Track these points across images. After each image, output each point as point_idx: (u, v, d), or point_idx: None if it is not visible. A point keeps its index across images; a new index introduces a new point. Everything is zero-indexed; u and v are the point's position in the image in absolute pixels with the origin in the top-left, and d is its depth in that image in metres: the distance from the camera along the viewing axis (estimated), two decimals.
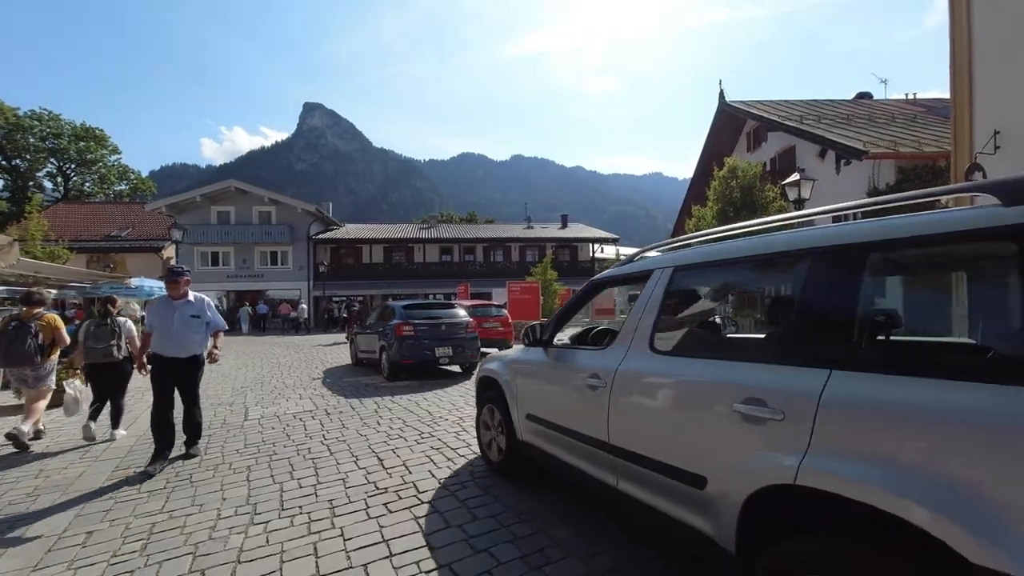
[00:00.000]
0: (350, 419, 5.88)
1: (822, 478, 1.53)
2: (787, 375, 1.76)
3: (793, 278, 1.95)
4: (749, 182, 13.27)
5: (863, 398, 1.52)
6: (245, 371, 10.73)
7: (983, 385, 1.31)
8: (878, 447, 1.46)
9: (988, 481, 1.24)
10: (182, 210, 29.66)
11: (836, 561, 1.48)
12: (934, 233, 1.54)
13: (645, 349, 2.49)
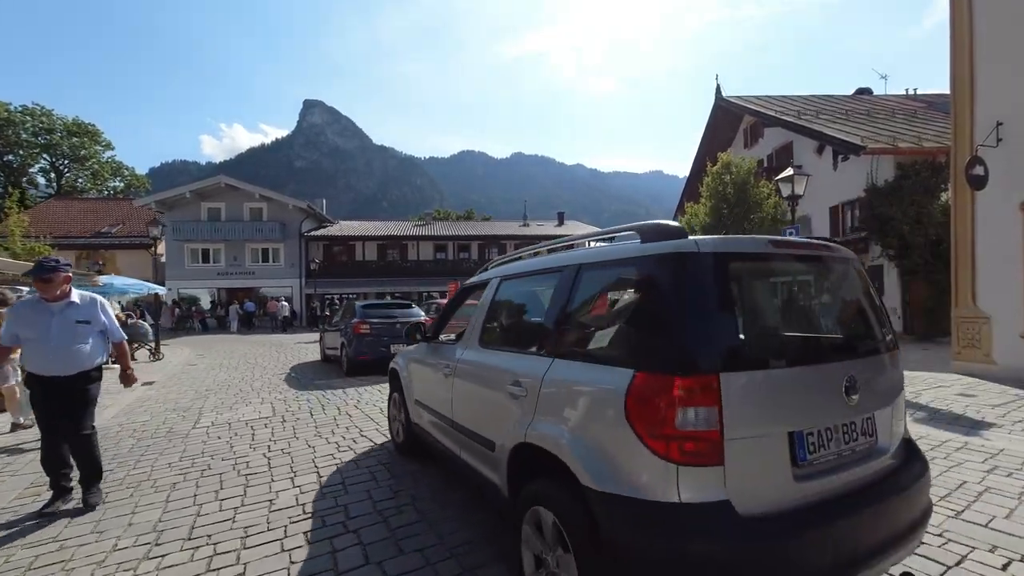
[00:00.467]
0: (304, 427, 5.50)
1: (535, 436, 2.16)
2: (532, 362, 2.38)
3: (548, 287, 2.57)
4: (743, 178, 12.87)
5: (560, 379, 2.15)
6: (216, 372, 10.36)
7: (599, 366, 1.98)
8: (557, 411, 2.09)
9: (592, 430, 1.90)
10: (172, 206, 29.28)
11: (546, 494, 2.04)
12: (610, 259, 2.23)
13: (475, 343, 3.12)
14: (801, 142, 18.74)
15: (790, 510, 1.70)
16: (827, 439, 1.86)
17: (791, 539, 1.65)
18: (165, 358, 13.19)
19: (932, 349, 11.52)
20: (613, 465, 1.78)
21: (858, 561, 1.74)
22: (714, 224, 12.91)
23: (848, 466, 1.89)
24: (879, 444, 2.03)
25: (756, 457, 1.70)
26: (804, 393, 1.86)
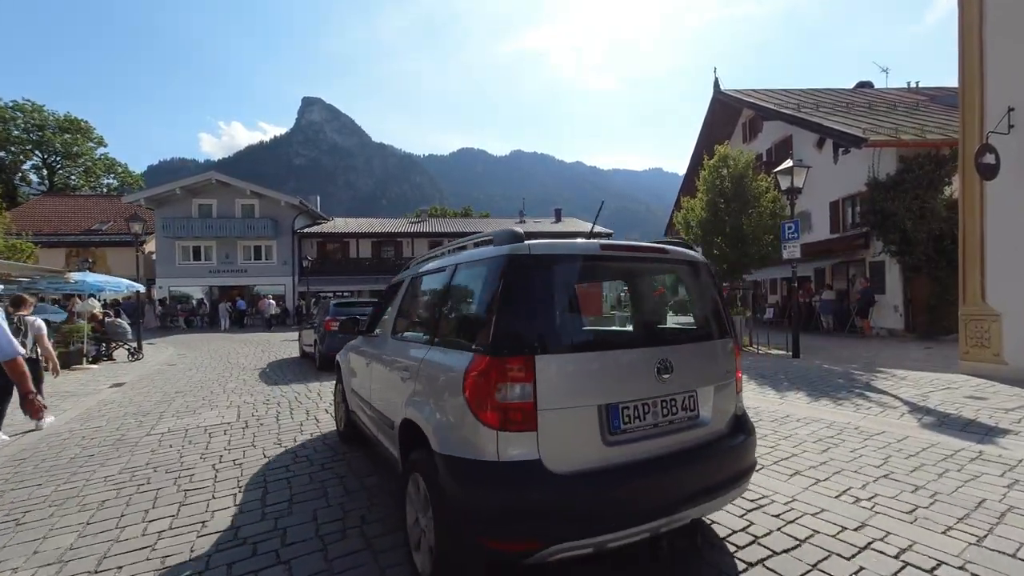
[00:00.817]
0: (265, 435, 5.11)
1: (409, 412, 2.55)
2: (418, 349, 2.76)
3: (436, 284, 2.94)
4: (741, 171, 12.45)
5: (430, 361, 2.50)
6: (193, 373, 9.97)
7: (454, 350, 2.34)
8: (425, 390, 2.48)
9: (442, 404, 2.29)
10: (162, 203, 28.84)
11: (418, 462, 2.33)
12: (476, 259, 2.49)
13: (388, 334, 3.52)
14: (801, 136, 18.31)
15: (599, 469, 2.06)
16: (644, 412, 2.22)
17: (595, 492, 2.00)
18: (146, 357, 12.80)
19: (935, 348, 11.13)
20: (453, 432, 2.15)
21: (665, 509, 2.11)
22: (711, 219, 12.51)
23: (666, 434, 2.26)
24: (700, 417, 2.40)
25: (567, 425, 2.04)
26: (617, 373, 2.21)
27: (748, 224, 12.06)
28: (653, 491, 2.13)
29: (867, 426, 4.83)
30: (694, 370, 2.41)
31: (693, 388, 2.38)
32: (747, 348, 11.99)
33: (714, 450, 2.37)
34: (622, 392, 2.17)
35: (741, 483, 2.44)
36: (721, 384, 2.52)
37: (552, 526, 1.92)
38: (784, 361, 9.53)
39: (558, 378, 2.05)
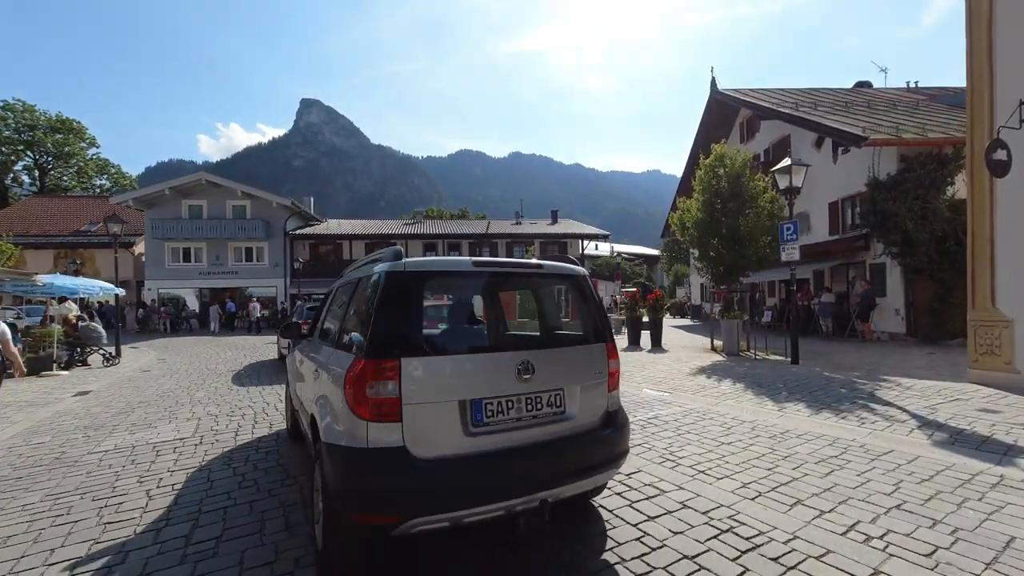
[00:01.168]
0: (217, 454, 4.68)
1: (311, 406, 3.01)
2: (325, 352, 3.17)
3: (345, 294, 3.44)
4: (738, 170, 12.06)
5: (329, 363, 2.84)
6: (165, 379, 9.53)
7: (345, 352, 2.69)
8: (322, 387, 2.85)
9: (330, 399, 2.62)
10: (152, 204, 28.38)
11: (318, 452, 2.68)
12: (369, 274, 2.76)
13: (317, 339, 3.82)
14: (799, 135, 17.97)
15: (461, 455, 2.33)
16: (508, 407, 2.49)
17: (454, 475, 2.27)
18: (123, 363, 12.36)
19: (939, 353, 10.73)
20: (335, 424, 2.46)
21: (520, 490, 2.36)
22: (707, 220, 12.11)
23: (530, 426, 2.53)
24: (567, 412, 2.67)
25: (430, 417, 2.32)
26: (479, 373, 2.48)
27: (745, 225, 11.67)
28: (510, 475, 2.40)
29: (874, 444, 4.43)
30: (560, 371, 2.70)
31: (560, 387, 2.68)
32: (744, 353, 11.60)
33: (580, 441, 2.66)
34: (485, 390, 2.45)
35: (608, 469, 2.76)
36: (590, 384, 2.82)
37: (411, 503, 2.19)
38: (783, 368, 9.12)
39: (422, 377, 2.35)
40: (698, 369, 9.31)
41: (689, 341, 15.47)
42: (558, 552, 2.74)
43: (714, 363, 10.16)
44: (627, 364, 10.19)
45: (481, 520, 2.34)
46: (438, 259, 2.76)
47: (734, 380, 7.94)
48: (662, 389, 7.38)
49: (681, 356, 11.52)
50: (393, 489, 2.21)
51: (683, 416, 5.67)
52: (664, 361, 10.64)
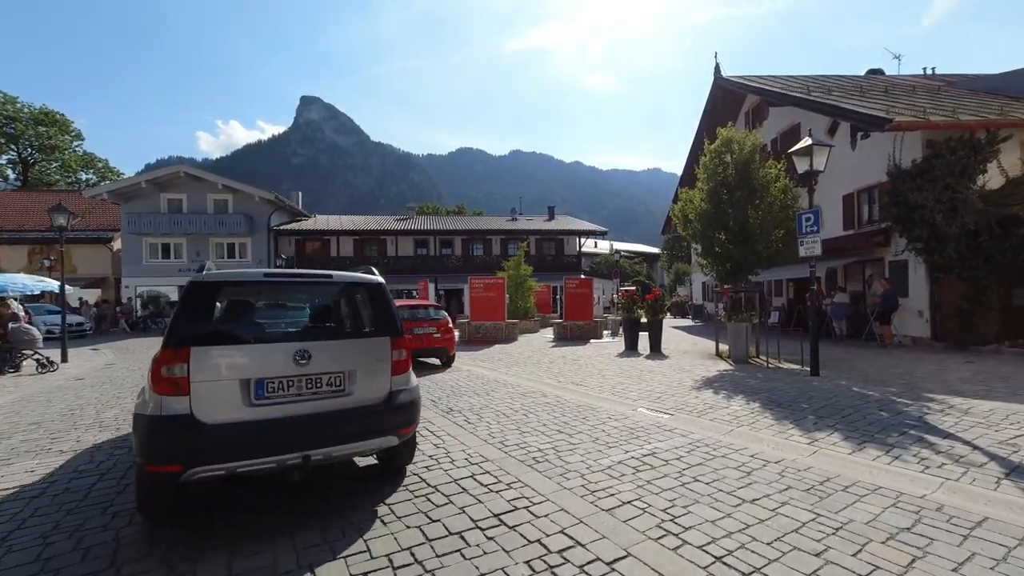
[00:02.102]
0: (49, 507, 3.44)
1: None
2: None
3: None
4: (747, 156, 10.80)
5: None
6: (89, 392, 8.30)
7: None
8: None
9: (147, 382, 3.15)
10: (129, 198, 27.15)
11: None
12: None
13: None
14: (810, 123, 16.67)
15: (243, 421, 3.02)
16: (288, 385, 3.19)
17: (232, 435, 2.96)
18: (67, 368, 11.15)
19: (978, 362, 9.47)
20: (142, 399, 3.14)
21: (291, 448, 3.06)
22: (712, 211, 10.85)
23: (309, 400, 3.25)
24: (346, 391, 3.39)
25: (215, 392, 3.00)
26: (262, 358, 3.17)
27: (755, 217, 10.41)
28: (283, 438, 3.06)
29: (955, 505, 3.18)
30: (341, 358, 3.42)
31: (341, 370, 3.39)
32: (754, 360, 10.35)
33: (358, 413, 3.38)
34: (266, 371, 3.14)
35: (387, 435, 3.45)
36: (370, 368, 3.52)
37: (192, 457, 2.86)
38: (802, 380, 7.87)
39: (210, 362, 3.02)
40: (703, 381, 8.06)
41: (691, 345, 14.22)
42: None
43: (721, 373, 8.92)
44: (621, 374, 8.94)
45: (256, 470, 3.01)
46: (235, 271, 3.52)
47: (747, 397, 6.69)
48: (662, 409, 6.14)
49: (683, 363, 10.28)
50: (177, 446, 2.86)
51: (688, 452, 4.42)
52: (664, 370, 9.40)
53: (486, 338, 15.94)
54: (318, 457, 3.15)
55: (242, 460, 2.94)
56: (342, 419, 3.29)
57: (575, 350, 13.19)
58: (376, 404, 3.47)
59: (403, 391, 3.64)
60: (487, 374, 9.41)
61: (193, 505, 3.38)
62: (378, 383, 3.53)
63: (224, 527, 3.13)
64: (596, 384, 8.03)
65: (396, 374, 3.62)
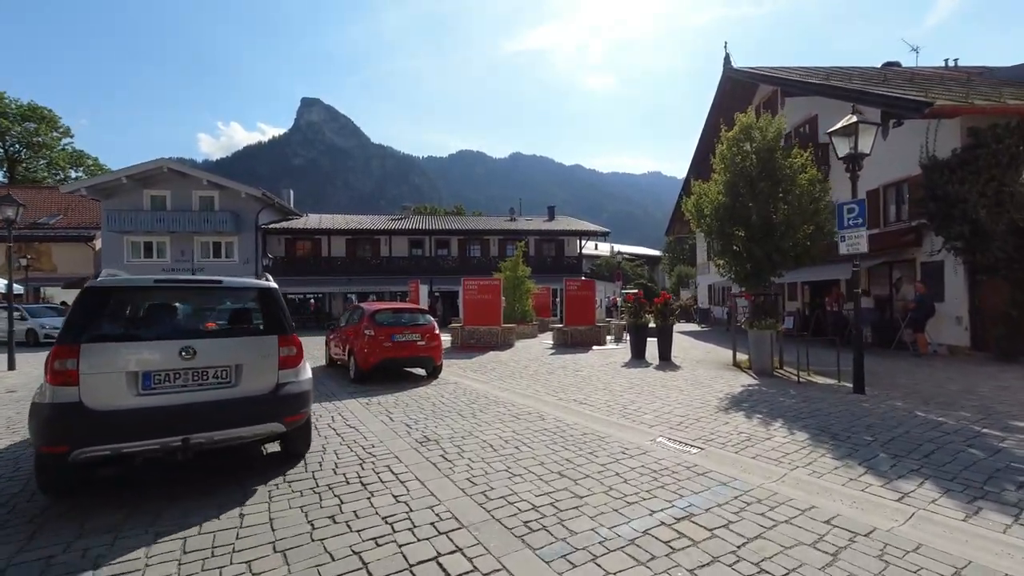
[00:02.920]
0: None
1: None
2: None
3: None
4: (770, 144, 9.63)
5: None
6: (2, 409, 7.12)
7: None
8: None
9: None
10: (109, 193, 25.95)
11: None
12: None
13: None
14: (831, 112, 15.50)
15: (129, 408, 3.42)
16: (174, 377, 3.60)
17: (118, 420, 3.35)
18: (8, 378, 9.95)
19: None
20: (39, 390, 3.45)
21: (174, 432, 3.47)
22: (731, 205, 9.68)
23: (195, 390, 3.65)
24: (232, 382, 3.80)
25: (104, 382, 3.39)
26: (149, 353, 3.58)
27: (781, 211, 9.24)
28: (167, 423, 3.47)
29: None
30: (228, 353, 3.84)
31: (226, 364, 3.80)
32: (779, 372, 9.17)
33: (244, 402, 3.78)
34: (153, 365, 3.56)
35: (271, 422, 3.88)
36: (257, 363, 3.93)
37: (78, 439, 3.24)
38: (847, 400, 6.69)
39: (98, 356, 3.41)
40: (729, 399, 6.88)
41: (703, 353, 13.03)
42: None
43: (747, 388, 7.73)
44: (631, 388, 7.74)
45: (140, 451, 3.44)
46: (124, 277, 4.10)
47: (789, 422, 5.50)
48: (687, 439, 4.95)
49: (699, 375, 9.09)
50: (64, 430, 3.26)
51: (737, 513, 3.23)
52: (679, 383, 8.22)
53: (480, 344, 14.75)
54: (200, 440, 3.55)
55: (126, 442, 3.35)
56: (226, 407, 3.69)
57: (576, 358, 12.00)
58: (262, 395, 3.90)
59: (290, 383, 4.07)
60: (477, 388, 8.23)
61: (117, 483, 3.92)
62: (265, 376, 3.95)
63: (134, 497, 3.63)
64: (603, 402, 6.84)
65: (283, 368, 4.06)
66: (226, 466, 4.28)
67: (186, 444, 3.46)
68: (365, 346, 8.48)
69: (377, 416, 6.18)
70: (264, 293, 4.27)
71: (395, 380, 8.97)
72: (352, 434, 5.33)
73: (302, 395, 4.11)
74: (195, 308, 4.78)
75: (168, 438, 3.42)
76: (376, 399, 7.26)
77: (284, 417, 3.93)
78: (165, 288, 4.28)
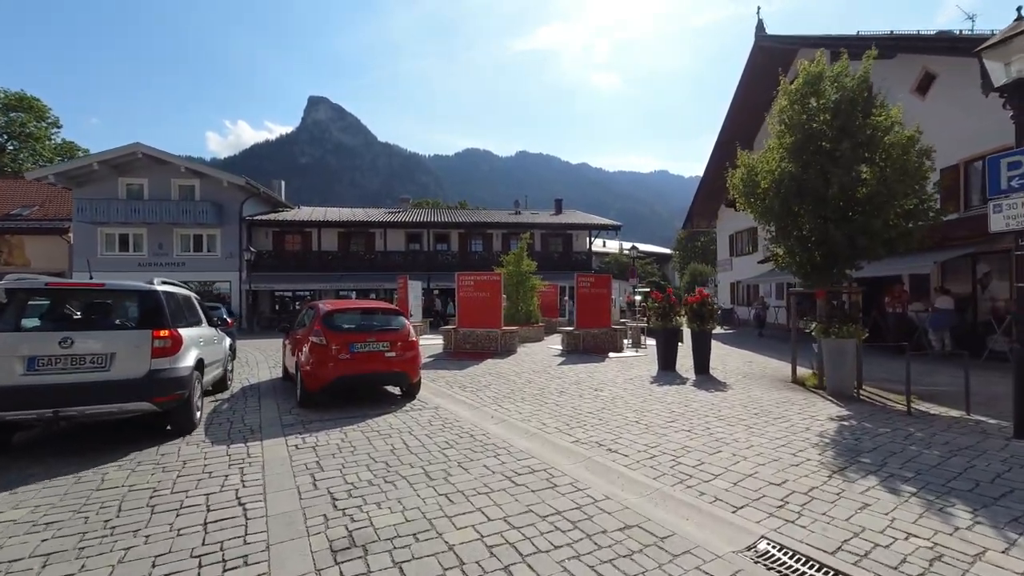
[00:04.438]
0: None
1: None
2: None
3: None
4: (852, 95, 7.33)
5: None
6: None
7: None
8: None
9: None
10: (81, 182, 24.02)
11: None
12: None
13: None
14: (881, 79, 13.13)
15: (15, 386, 4.24)
16: (55, 361, 4.38)
17: (8, 394, 4.22)
18: None
19: None
20: None
21: (47, 405, 4.27)
22: (799, 174, 7.39)
23: (73, 373, 4.42)
24: (107, 368, 4.53)
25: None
26: (33, 342, 4.39)
27: (871, 179, 6.94)
28: (41, 397, 4.27)
29: None
30: (101, 343, 4.57)
31: (101, 352, 4.54)
32: (868, 395, 6.90)
33: (114, 384, 4.52)
34: (36, 351, 4.36)
35: (140, 401, 4.62)
36: (130, 352, 4.66)
37: None
38: (1018, 452, 4.41)
39: None
40: (828, 444, 4.64)
41: (743, 363, 10.76)
42: None
43: (839, 423, 5.48)
44: (674, 421, 5.49)
45: (20, 419, 4.34)
46: (26, 279, 4.93)
47: (971, 504, 3.26)
48: (814, 545, 2.73)
49: (758, 398, 6.85)
50: None
51: None
52: (738, 412, 5.98)
53: (477, 349, 12.56)
54: (71, 413, 4.37)
55: (9, 411, 4.23)
56: (99, 388, 4.46)
57: (592, 370, 9.77)
58: (135, 379, 4.62)
59: (164, 370, 4.81)
60: (464, 416, 6.03)
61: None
62: (138, 363, 4.67)
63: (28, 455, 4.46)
64: (642, 449, 4.62)
65: (157, 357, 4.78)
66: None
67: (56, 415, 4.33)
68: (313, 359, 6.30)
69: (298, 475, 4.00)
70: (143, 295, 5.11)
71: (356, 402, 6.80)
72: (229, 525, 3.13)
73: (175, 380, 4.87)
74: (81, 305, 5.35)
75: (41, 410, 4.28)
76: (315, 438, 5.08)
77: (154, 398, 4.68)
78: (55, 290, 5.16)
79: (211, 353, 6.36)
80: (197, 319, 6.35)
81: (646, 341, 14.58)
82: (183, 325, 5.45)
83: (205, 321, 6.75)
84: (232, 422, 5.78)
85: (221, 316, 10.09)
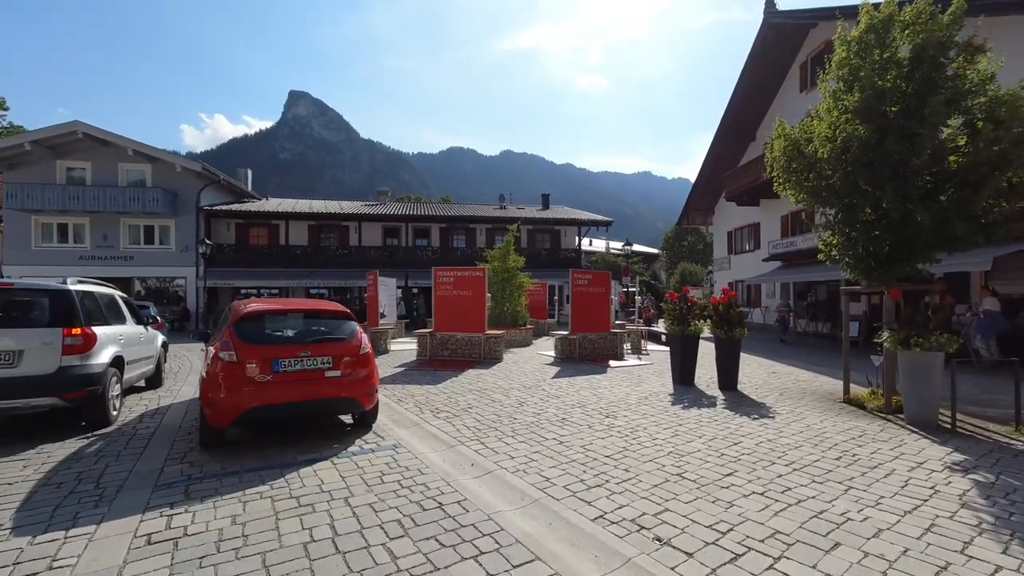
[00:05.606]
0: None
1: None
2: None
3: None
4: (938, 40, 5.70)
5: None
6: None
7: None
8: None
9: None
10: (13, 164, 21.33)
11: None
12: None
13: None
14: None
15: None
16: None
17: None
18: None
19: None
20: None
21: None
22: (873, 138, 5.73)
23: None
24: (16, 364, 4.65)
25: None
26: None
27: (970, 147, 5.34)
28: None
29: None
30: (14, 342, 4.67)
31: (8, 350, 4.63)
32: (966, 427, 5.32)
33: (22, 380, 4.63)
34: None
35: (47, 398, 4.72)
36: (39, 350, 4.76)
37: None
38: None
39: None
40: (976, 519, 2.95)
41: (767, 374, 9.18)
42: None
43: (960, 472, 3.83)
44: (727, 466, 3.69)
45: None
46: None
47: None
48: None
49: (817, 428, 5.21)
50: None
51: None
52: (801, 452, 4.31)
53: (456, 357, 10.72)
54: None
55: None
56: (5, 384, 4.55)
57: (595, 384, 8.03)
58: (44, 375, 4.70)
59: (74, 367, 4.87)
60: (432, 463, 4.21)
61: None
62: (47, 360, 4.76)
63: None
64: (710, 541, 2.86)
65: (67, 354, 4.84)
66: None
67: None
68: (218, 383, 4.40)
69: None
70: (54, 294, 5.14)
71: (286, 437, 4.91)
72: None
73: (86, 376, 4.96)
74: None
75: None
76: (190, 516, 3.19)
77: (63, 394, 4.79)
78: None
79: (135, 351, 6.51)
80: (120, 318, 6.44)
81: (647, 346, 12.96)
82: (101, 324, 5.56)
83: (132, 320, 6.88)
84: (82, 478, 3.86)
85: (150, 315, 10.13)
